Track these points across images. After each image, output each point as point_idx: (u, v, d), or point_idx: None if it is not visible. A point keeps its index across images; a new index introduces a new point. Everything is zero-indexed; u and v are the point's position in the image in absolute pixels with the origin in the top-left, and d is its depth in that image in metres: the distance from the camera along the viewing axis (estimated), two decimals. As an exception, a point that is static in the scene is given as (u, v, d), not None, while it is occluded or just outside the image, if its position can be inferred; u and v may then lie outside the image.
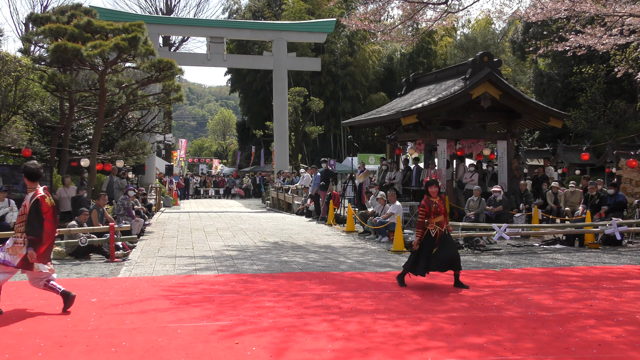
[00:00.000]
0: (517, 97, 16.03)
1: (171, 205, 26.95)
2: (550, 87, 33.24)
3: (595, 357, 5.01)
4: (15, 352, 5.05)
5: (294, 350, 5.12)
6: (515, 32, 37.98)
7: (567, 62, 30.45)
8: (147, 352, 5.04)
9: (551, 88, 33.10)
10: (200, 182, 40.43)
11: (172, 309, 6.62)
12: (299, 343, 5.33)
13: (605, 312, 6.60)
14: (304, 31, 32.16)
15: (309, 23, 33.86)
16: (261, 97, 47.44)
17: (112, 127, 21.94)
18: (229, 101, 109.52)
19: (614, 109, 28.97)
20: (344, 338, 5.48)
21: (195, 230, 15.36)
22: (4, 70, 16.97)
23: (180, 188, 34.23)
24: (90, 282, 8.32)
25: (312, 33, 32.12)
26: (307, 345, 5.25)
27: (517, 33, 36.99)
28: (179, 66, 16.51)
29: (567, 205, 14.76)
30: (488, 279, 8.69)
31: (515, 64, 44.19)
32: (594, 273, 9.31)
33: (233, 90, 56.13)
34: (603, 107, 29.21)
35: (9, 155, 17.61)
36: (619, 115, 28.95)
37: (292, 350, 5.12)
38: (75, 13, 16.08)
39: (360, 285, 8.04)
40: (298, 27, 32.69)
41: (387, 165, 18.89)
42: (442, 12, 15.66)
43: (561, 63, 32.18)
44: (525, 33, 34.19)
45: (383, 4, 15.66)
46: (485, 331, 5.75)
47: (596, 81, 29.28)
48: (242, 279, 8.49)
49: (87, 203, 12.92)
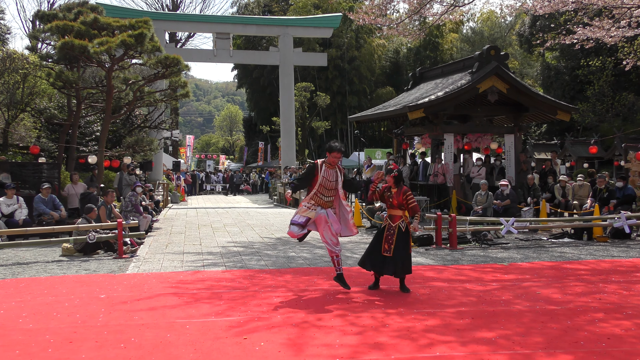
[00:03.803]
0: (524, 91, 15.97)
1: (179, 201, 27.04)
2: (557, 80, 33.08)
3: (604, 350, 4.99)
4: (25, 348, 5.07)
5: (303, 345, 5.12)
6: (522, 25, 37.78)
7: (574, 55, 30.28)
8: (156, 348, 5.05)
9: (559, 81, 32.95)
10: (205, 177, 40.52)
11: (181, 305, 6.63)
12: (308, 338, 5.32)
13: (614, 305, 6.57)
14: (310, 26, 32.09)
15: (315, 18, 33.80)
16: (268, 92, 47.42)
17: (119, 123, 21.99)
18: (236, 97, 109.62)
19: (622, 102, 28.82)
20: (353, 333, 5.48)
21: (203, 226, 15.40)
22: (12, 67, 17.06)
23: (187, 184, 34.31)
24: (99, 279, 8.34)
25: (319, 28, 32.05)
26: (317, 341, 5.25)
27: (524, 26, 36.80)
28: (185, 62, 16.53)
29: (575, 199, 14.71)
30: (496, 273, 8.67)
31: (522, 57, 43.99)
32: (603, 266, 9.28)
33: (240, 86, 56.12)
34: (611, 100, 29.06)
35: (17, 152, 17.68)
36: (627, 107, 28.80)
37: (301, 344, 5.12)
38: (82, 10, 16.10)
39: (368, 280, 8.02)
40: (304, 22, 32.64)
41: (394, 160, 18.87)
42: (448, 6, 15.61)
43: (569, 56, 32.00)
44: (533, 26, 34.04)
45: (389, -3, 15.62)
46: (495, 326, 5.73)
47: (604, 74, 29.14)
48: (249, 275, 8.50)
49: (96, 200, 12.95)
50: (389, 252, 7.20)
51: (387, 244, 7.24)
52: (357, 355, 4.84)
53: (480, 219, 12.63)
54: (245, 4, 53.10)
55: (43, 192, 12.93)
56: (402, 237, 7.25)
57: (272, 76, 43.29)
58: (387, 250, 7.21)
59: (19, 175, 14.08)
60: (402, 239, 7.25)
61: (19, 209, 12.59)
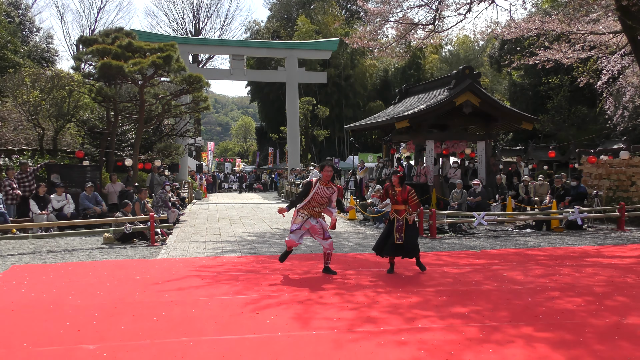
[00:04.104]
0: (494, 104, 15.99)
1: (201, 198, 27.04)
2: (522, 95, 33.09)
3: (559, 322, 5.04)
4: (74, 320, 5.13)
5: (307, 318, 5.17)
6: (492, 49, 37.75)
7: (536, 73, 30.25)
8: (183, 321, 5.10)
9: (523, 96, 32.95)
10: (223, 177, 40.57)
11: (203, 285, 6.68)
12: (310, 313, 5.37)
13: (568, 285, 6.62)
14: (312, 49, 32.11)
15: (317, 42, 33.78)
16: (276, 105, 47.36)
17: (150, 132, 22.01)
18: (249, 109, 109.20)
19: (577, 114, 28.84)
20: (349, 309, 5.54)
21: (222, 219, 15.44)
22: (59, 85, 17.10)
23: (209, 183, 34.31)
24: (135, 263, 8.40)
25: (319, 50, 32.07)
26: (318, 315, 5.30)
27: (494, 49, 36.78)
28: (206, 80, 16.57)
29: (537, 196, 14.74)
30: (469, 259, 8.71)
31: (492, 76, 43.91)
32: (559, 253, 9.32)
33: (253, 100, 56.02)
34: (567, 112, 29.09)
35: (65, 156, 17.74)
36: (580, 119, 28.83)
37: (305, 318, 5.17)
38: (118, 35, 16.13)
39: (361, 265, 8.08)
40: (307, 45, 32.64)
41: (383, 163, 18.90)
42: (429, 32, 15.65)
43: (532, 75, 31.98)
44: (501, 49, 34.01)
45: (379, 25, 15.65)
46: (468, 302, 5.78)
47: (561, 90, 29.15)
48: (261, 260, 8.55)
49: (132, 197, 13.01)
50: (400, 240, 7.35)
51: (398, 234, 7.38)
52: (353, 327, 4.90)
53: (456, 212, 12.66)
54: (257, 30, 53.09)
55: (87, 190, 12.98)
56: (410, 227, 7.43)
57: (280, 91, 43.21)
58: (399, 239, 7.36)
59: (66, 175, 14.12)
60: (410, 229, 7.43)
61: (67, 204, 12.64)
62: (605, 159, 15.25)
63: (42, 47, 34.73)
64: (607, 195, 14.53)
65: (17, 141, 17.99)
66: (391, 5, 15.02)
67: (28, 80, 17.16)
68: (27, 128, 18.18)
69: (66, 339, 4.61)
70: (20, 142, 17.93)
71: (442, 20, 14.67)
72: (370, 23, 16.09)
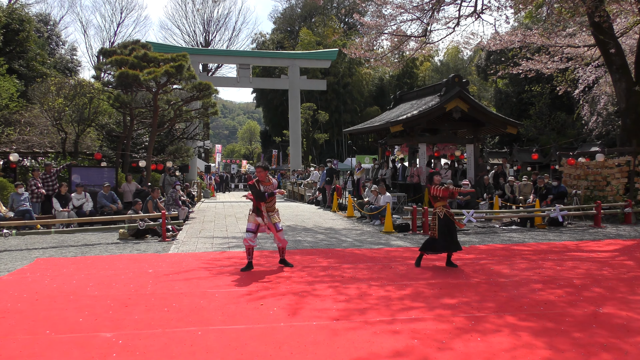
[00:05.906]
0: (481, 110, 15.94)
1: (209, 196, 27.00)
2: (507, 102, 33.03)
3: (542, 313, 5.02)
4: (92, 309, 5.12)
5: (306, 309, 5.15)
6: (479, 59, 37.72)
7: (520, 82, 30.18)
8: (192, 311, 5.08)
9: (508, 102, 32.89)
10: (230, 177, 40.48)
11: (211, 277, 6.66)
12: (310, 304, 5.35)
13: (550, 278, 6.60)
14: (312, 59, 32.10)
15: (317, 52, 33.77)
16: (280, 111, 47.39)
17: (163, 135, 21.95)
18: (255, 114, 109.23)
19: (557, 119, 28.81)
20: (345, 300, 5.51)
21: (229, 217, 15.41)
22: (81, 92, 17.10)
23: (216, 183, 34.25)
24: (147, 257, 8.38)
25: (319, 60, 32.06)
26: (317, 306, 5.28)
27: (481, 59, 36.74)
28: (214, 87, 16.55)
29: (521, 195, 14.72)
30: (459, 254, 8.65)
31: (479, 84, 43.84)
32: (542, 248, 9.29)
33: (258, 106, 56.03)
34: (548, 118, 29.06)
35: (85, 158, 17.73)
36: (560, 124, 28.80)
37: (305, 309, 5.15)
38: (135, 47, 16.12)
39: (358, 259, 8.05)
40: (308, 55, 32.63)
41: (379, 164, 18.87)
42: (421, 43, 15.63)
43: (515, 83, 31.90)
44: (488, 59, 33.96)
45: (375, 37, 15.64)
46: (457, 294, 5.76)
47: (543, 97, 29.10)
48: (265, 255, 8.52)
49: (146, 195, 12.98)
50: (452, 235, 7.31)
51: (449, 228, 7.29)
52: (350, 318, 4.87)
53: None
54: (263, 41, 53.08)
55: (104, 189, 12.96)
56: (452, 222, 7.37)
57: (283, 98, 43.26)
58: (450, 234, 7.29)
59: (86, 175, 14.12)
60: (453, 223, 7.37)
61: (86, 202, 12.63)
62: (583, 161, 15.20)
63: (67, 58, 34.80)
64: (585, 195, 14.50)
65: (43, 144, 18.00)
66: (386, 19, 15.03)
67: (53, 89, 17.18)
68: (51, 132, 18.21)
69: (85, 327, 4.59)
70: (45, 145, 17.94)
71: (431, 33, 14.64)
72: (367, 35, 16.09)
